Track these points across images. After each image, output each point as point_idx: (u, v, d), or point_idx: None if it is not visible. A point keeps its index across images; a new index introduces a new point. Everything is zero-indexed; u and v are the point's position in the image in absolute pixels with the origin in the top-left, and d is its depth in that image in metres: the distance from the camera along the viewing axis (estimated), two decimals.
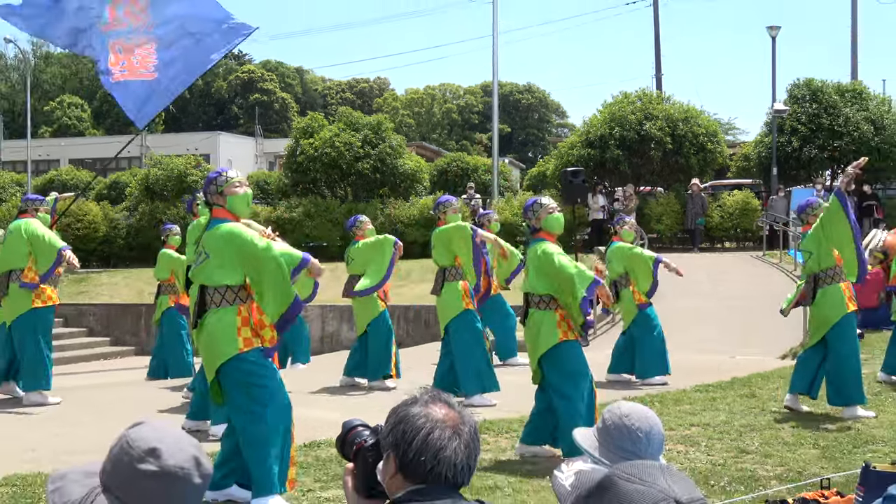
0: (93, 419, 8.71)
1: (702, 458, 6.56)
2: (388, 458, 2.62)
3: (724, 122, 43.71)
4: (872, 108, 27.36)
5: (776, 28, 31.22)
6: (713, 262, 21.12)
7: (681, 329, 12.57)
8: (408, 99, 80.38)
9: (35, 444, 7.51)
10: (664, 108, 28.00)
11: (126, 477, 2.12)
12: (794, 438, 7.14)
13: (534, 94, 79.70)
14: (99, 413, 9.10)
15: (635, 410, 3.24)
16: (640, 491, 1.51)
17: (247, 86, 75.04)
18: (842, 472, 6.01)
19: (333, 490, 5.82)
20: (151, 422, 2.20)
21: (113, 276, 22.03)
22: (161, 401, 9.91)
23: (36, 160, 47.41)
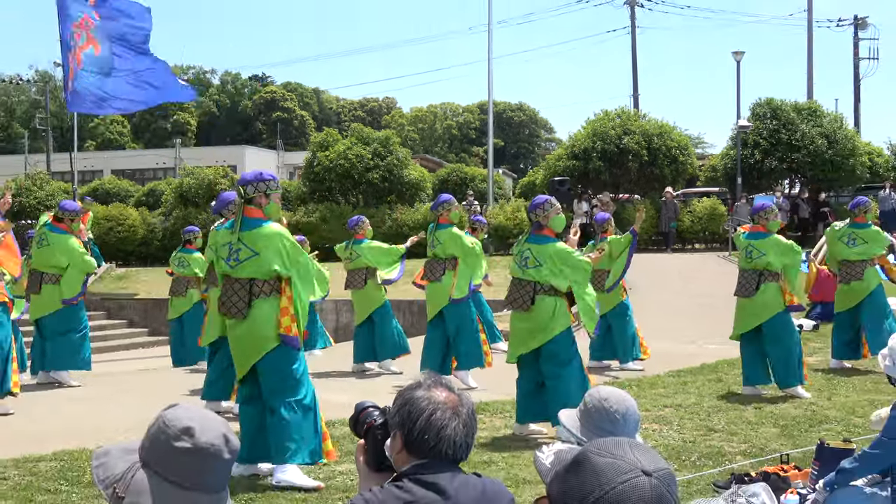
0: (132, 401, 8.71)
1: (674, 436, 6.56)
2: (395, 436, 2.62)
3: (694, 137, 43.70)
4: (826, 125, 27.38)
5: (740, 53, 31.27)
6: (684, 261, 21.13)
7: (656, 320, 12.56)
8: (413, 116, 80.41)
9: (81, 424, 7.52)
10: (641, 124, 28.06)
11: (163, 453, 2.12)
12: (756, 418, 7.15)
13: (525, 112, 79.70)
14: (138, 396, 9.10)
15: (613, 394, 3.24)
16: (611, 463, 1.51)
17: (269, 105, 75.07)
18: (799, 448, 6.01)
19: (346, 465, 5.82)
20: (185, 404, 2.20)
21: (150, 273, 22.01)
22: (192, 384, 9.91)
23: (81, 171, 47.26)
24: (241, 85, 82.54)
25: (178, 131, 69.00)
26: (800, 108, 28.13)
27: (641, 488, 1.46)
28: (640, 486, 1.46)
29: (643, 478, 1.47)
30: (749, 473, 5.06)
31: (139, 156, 56.88)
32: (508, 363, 7.17)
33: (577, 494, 1.52)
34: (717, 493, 4.84)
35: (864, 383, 8.60)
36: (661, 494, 1.47)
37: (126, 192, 30.15)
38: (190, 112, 74.44)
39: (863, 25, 38.87)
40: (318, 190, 26.43)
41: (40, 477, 5.56)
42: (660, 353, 10.63)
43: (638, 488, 1.46)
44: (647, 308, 13.32)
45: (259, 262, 5.62)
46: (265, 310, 5.59)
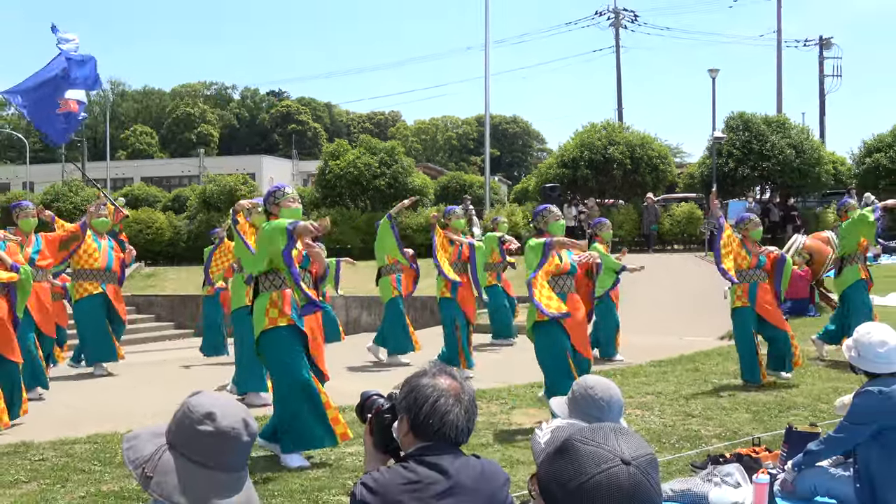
0: (160, 389, 8.72)
1: (655, 421, 6.56)
2: (402, 420, 2.62)
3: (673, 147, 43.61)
4: (794, 136, 27.37)
5: (715, 70, 31.32)
6: (664, 261, 21.09)
7: (638, 316, 12.56)
8: (416, 128, 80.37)
9: (112, 409, 7.52)
10: (625, 135, 28.03)
11: (188, 436, 2.12)
12: (730, 404, 7.14)
13: (518, 124, 79.65)
14: (165, 384, 9.11)
15: (599, 383, 3.24)
16: (592, 452, 1.48)
17: (285, 118, 75.04)
18: (769, 431, 6.01)
19: (354, 447, 5.82)
20: (208, 391, 2.21)
21: (176, 272, 22.03)
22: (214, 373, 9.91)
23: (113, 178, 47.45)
24: (259, 100, 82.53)
25: (202, 142, 68.98)
26: (770, 121, 28.12)
27: (618, 477, 1.44)
28: (616, 475, 1.44)
29: (621, 467, 1.45)
30: (724, 455, 5.06)
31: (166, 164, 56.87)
32: None
33: (559, 480, 1.50)
34: (695, 473, 4.84)
35: (829, 372, 8.59)
36: (638, 482, 1.44)
37: (154, 198, 30.10)
38: (212, 124, 74.45)
39: (827, 45, 38.94)
40: (329, 196, 26.43)
41: (75, 458, 5.56)
42: (642, 345, 10.64)
43: (614, 477, 1.44)
44: (631, 304, 13.29)
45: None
46: (257, 304, 5.69)
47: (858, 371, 4.39)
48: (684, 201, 26.92)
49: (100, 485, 4.93)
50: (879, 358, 4.25)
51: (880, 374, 4.26)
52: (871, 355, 4.26)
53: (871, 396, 4.21)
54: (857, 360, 4.30)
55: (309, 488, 4.87)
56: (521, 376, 8.36)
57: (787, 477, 4.53)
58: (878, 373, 4.27)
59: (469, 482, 2.49)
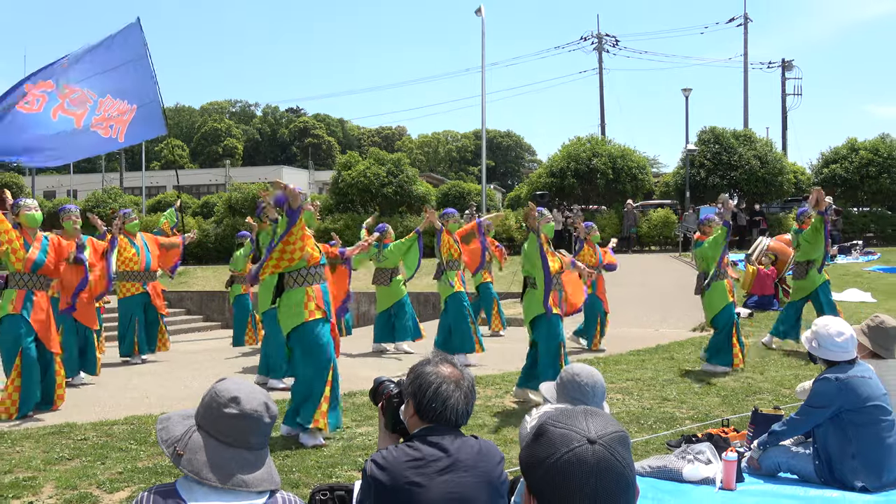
0: (190, 375, 8.72)
1: (634, 404, 6.55)
2: (408, 404, 2.62)
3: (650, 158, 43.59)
4: (759, 148, 27.38)
5: (688, 89, 31.37)
6: (642, 260, 21.09)
7: (619, 310, 12.53)
8: (420, 141, 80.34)
9: (147, 394, 7.52)
10: (607, 147, 28.03)
11: (215, 418, 2.12)
12: (702, 389, 7.13)
13: (511, 138, 79.62)
14: (194, 371, 9.11)
15: (584, 370, 3.23)
16: (562, 434, 1.49)
17: (302, 132, 75.03)
18: (737, 414, 6.01)
19: (366, 427, 5.81)
20: (233, 378, 2.21)
21: (205, 270, 22.02)
22: (238, 362, 9.91)
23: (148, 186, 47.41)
24: (279, 116, 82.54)
25: (228, 154, 68.96)
26: (737, 135, 28.13)
27: (584, 455, 1.44)
28: (582, 453, 1.45)
29: (587, 446, 1.45)
30: (696, 435, 5.05)
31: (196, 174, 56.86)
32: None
33: (534, 460, 1.50)
34: (670, 451, 4.83)
35: (791, 361, 8.58)
36: (603, 458, 1.45)
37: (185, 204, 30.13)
38: (237, 138, 74.48)
39: (789, 67, 38.95)
40: (342, 202, 26.45)
41: (114, 437, 5.56)
42: (623, 336, 10.63)
43: (581, 455, 1.44)
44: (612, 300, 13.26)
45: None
46: (289, 298, 5.68)
47: (817, 360, 4.39)
48: (660, 207, 26.91)
49: (136, 462, 4.93)
50: (837, 347, 4.25)
51: (837, 361, 4.26)
52: (829, 345, 4.26)
53: (829, 383, 4.21)
54: (816, 349, 4.30)
55: (324, 464, 4.86)
56: (515, 364, 8.35)
57: (754, 455, 4.52)
58: (835, 360, 4.26)
59: (468, 460, 2.49)
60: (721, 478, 4.26)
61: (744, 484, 4.30)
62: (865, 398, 4.16)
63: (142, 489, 3.45)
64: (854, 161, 27.19)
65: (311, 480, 4.47)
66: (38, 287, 6.64)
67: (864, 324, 4.72)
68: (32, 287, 6.59)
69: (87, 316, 8.41)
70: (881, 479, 4.14)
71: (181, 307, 19.45)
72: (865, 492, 4.09)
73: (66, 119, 7.71)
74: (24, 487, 4.43)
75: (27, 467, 4.83)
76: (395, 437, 2.73)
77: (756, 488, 4.25)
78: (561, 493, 1.45)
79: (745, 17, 37.66)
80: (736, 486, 4.22)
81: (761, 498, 4.08)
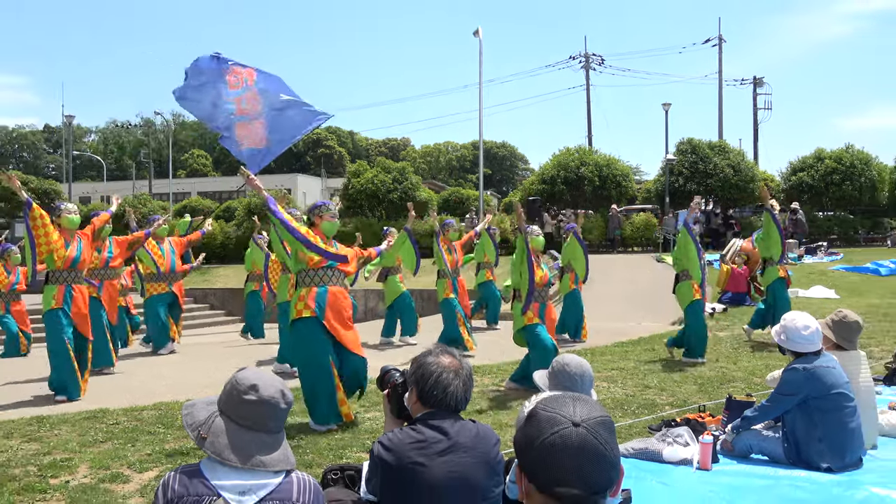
0: (213, 366, 8.72)
1: (619, 391, 6.55)
2: (411, 391, 2.62)
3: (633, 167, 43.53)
4: (732, 158, 27.39)
5: (668, 104, 31.43)
6: (626, 260, 21.08)
7: (605, 305, 12.56)
8: (423, 151, 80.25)
9: (174, 382, 7.51)
10: (594, 157, 28.03)
11: (236, 404, 2.12)
12: (680, 378, 7.13)
13: (506, 148, 79.59)
14: (217, 361, 9.11)
15: (573, 360, 3.23)
16: (550, 417, 1.50)
17: (316, 143, 75.01)
18: (713, 400, 6.00)
19: (373, 412, 5.81)
20: (252, 367, 2.21)
21: (226, 269, 22.04)
22: (257, 352, 9.91)
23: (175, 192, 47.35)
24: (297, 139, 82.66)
25: None
26: (712, 146, 28.12)
27: (568, 437, 1.45)
28: (566, 435, 1.46)
29: (571, 428, 1.46)
30: (675, 419, 5.05)
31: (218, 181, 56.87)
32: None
33: (525, 441, 1.51)
34: (651, 434, 4.83)
35: (762, 352, 8.58)
36: (585, 439, 1.46)
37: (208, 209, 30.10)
38: None
39: (760, 84, 38.97)
40: (352, 207, 26.47)
41: (144, 422, 5.56)
42: (608, 329, 10.62)
43: (565, 437, 1.45)
44: (599, 296, 13.30)
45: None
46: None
47: (786, 351, 4.39)
48: (642, 211, 26.89)
49: (163, 444, 4.93)
50: (804, 339, 4.25)
51: (805, 352, 4.26)
52: (797, 338, 4.25)
53: (797, 372, 4.21)
54: (785, 342, 4.30)
55: (335, 446, 4.86)
56: (509, 355, 8.36)
57: (728, 437, 4.52)
58: (802, 352, 4.26)
59: (467, 442, 2.49)
60: (698, 459, 4.25)
61: (718, 464, 4.30)
62: (830, 386, 4.16)
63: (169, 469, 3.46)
64: (820, 169, 27.18)
65: (324, 461, 4.46)
66: (75, 282, 6.72)
67: (828, 318, 4.71)
68: (71, 282, 6.69)
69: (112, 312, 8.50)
70: (844, 460, 4.15)
71: (205, 303, 19.47)
72: (830, 472, 4.09)
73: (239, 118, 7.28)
74: (62, 467, 4.43)
75: (64, 449, 4.83)
76: (399, 421, 2.73)
77: (730, 468, 4.25)
78: (548, 471, 1.46)
79: (720, 38, 37.71)
80: (711, 466, 4.22)
81: (734, 477, 4.07)
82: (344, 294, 5.60)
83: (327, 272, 5.53)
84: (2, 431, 5.28)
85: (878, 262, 18.11)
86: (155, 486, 3.90)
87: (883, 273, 17.28)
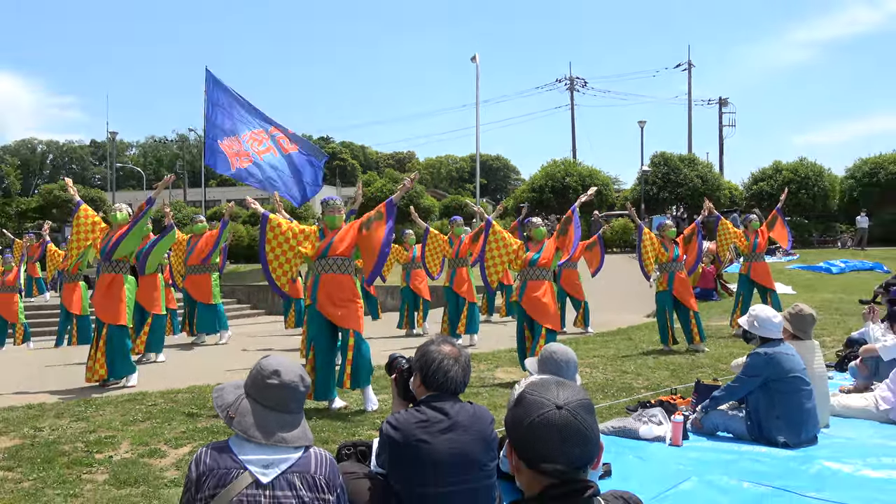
0: (239, 353, 8.71)
1: (600, 376, 6.53)
2: (415, 375, 2.61)
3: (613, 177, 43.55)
4: (700, 169, 27.46)
5: (643, 121, 31.41)
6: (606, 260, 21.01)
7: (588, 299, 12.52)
8: (426, 163, 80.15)
9: (205, 368, 7.50)
10: (577, 168, 28.09)
11: (260, 387, 2.12)
12: (655, 364, 7.12)
13: (500, 161, 79.50)
14: (244, 348, 9.09)
15: (560, 348, 3.23)
16: (535, 400, 1.50)
17: (331, 156, 74.94)
18: (684, 384, 5.99)
19: (382, 395, 5.79)
20: (275, 355, 2.21)
21: (251, 267, 22.07)
22: (280, 341, 9.90)
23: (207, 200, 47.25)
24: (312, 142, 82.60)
25: None
26: (683, 159, 28.17)
27: (551, 418, 1.46)
28: (550, 417, 1.46)
29: (554, 411, 1.46)
30: (650, 401, 5.04)
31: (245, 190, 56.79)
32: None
33: (514, 422, 1.52)
34: (629, 414, 4.82)
35: (727, 341, 8.57)
36: (567, 420, 1.46)
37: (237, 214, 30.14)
38: None
39: (725, 104, 39.03)
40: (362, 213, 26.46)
41: (179, 403, 5.55)
42: (591, 321, 10.59)
43: (548, 419, 1.46)
44: None
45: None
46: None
47: (751, 339, 4.38)
48: (621, 216, 26.92)
49: (196, 423, 4.92)
50: (773, 326, 4.28)
51: (771, 338, 4.27)
52: (768, 325, 4.27)
53: (760, 357, 4.21)
54: (756, 329, 4.31)
55: (348, 425, 4.85)
56: (503, 344, 8.36)
57: (697, 417, 4.51)
58: (770, 337, 4.27)
59: (465, 421, 2.49)
60: (670, 436, 4.25)
61: (688, 441, 4.29)
62: (788, 370, 4.16)
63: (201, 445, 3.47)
64: (778, 179, 27.22)
65: (338, 438, 4.46)
66: (104, 271, 6.62)
67: (786, 311, 4.71)
68: (103, 271, 6.62)
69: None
70: (800, 436, 4.14)
71: (233, 297, 19.46)
72: (787, 447, 4.09)
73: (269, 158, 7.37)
74: (106, 444, 4.43)
75: (108, 428, 4.82)
76: (405, 403, 2.73)
77: (698, 444, 4.25)
78: (534, 448, 1.46)
79: (689, 64, 37.73)
80: (682, 442, 4.22)
81: (703, 452, 4.07)
82: (337, 279, 5.38)
83: (320, 262, 5.46)
84: (53, 412, 5.28)
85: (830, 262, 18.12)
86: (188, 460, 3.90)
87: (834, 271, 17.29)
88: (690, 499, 3.33)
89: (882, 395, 4.85)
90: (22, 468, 3.94)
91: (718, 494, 3.37)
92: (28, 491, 3.59)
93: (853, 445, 4.15)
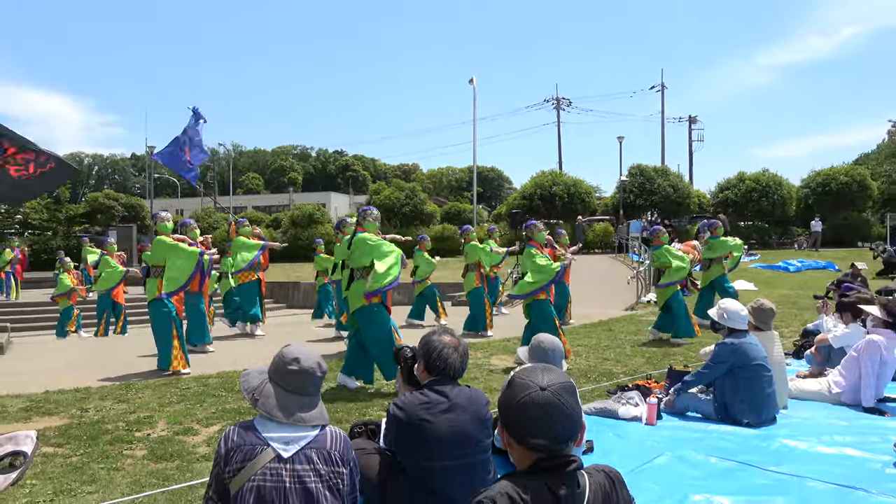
0: (264, 342, 8.70)
1: (583, 363, 6.52)
2: (419, 363, 2.61)
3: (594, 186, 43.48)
4: (672, 179, 27.44)
5: (621, 137, 31.39)
6: (589, 260, 21.02)
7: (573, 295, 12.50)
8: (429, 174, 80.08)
9: (234, 355, 7.50)
10: (563, 179, 28.06)
11: (282, 373, 2.12)
12: (632, 352, 7.11)
13: (495, 171, 79.40)
14: (268, 338, 9.08)
15: (547, 338, 3.23)
16: (522, 383, 1.50)
17: (345, 168, 74.99)
18: (658, 370, 5.98)
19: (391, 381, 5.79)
20: (295, 344, 2.21)
21: (274, 267, 21.97)
22: (298, 333, 9.88)
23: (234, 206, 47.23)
24: (328, 156, 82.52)
25: (291, 183, 68.93)
26: (657, 170, 28.15)
27: (535, 399, 1.46)
28: (535, 397, 1.46)
29: (538, 392, 1.47)
30: (628, 385, 5.04)
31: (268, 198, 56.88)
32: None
33: (504, 402, 1.53)
34: (609, 397, 4.82)
35: None
36: (550, 401, 1.46)
37: (260, 220, 30.13)
38: (298, 172, 74.54)
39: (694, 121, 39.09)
40: None
41: (210, 387, 5.55)
42: (575, 314, 10.55)
43: (533, 399, 1.46)
44: None
45: (353, 257, 5.36)
46: (357, 286, 5.34)
47: (720, 329, 4.38)
48: (601, 221, 26.91)
49: (225, 404, 4.92)
50: (740, 319, 4.28)
51: (739, 329, 4.27)
52: (736, 316, 4.27)
53: (726, 346, 4.21)
54: (725, 320, 4.30)
55: (360, 406, 4.85)
56: (497, 334, 8.35)
57: (670, 398, 4.51)
58: (738, 328, 4.27)
59: (463, 403, 2.49)
60: (646, 416, 4.25)
61: (662, 421, 4.29)
62: (752, 358, 4.16)
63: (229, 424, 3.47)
64: (742, 188, 27.21)
65: (351, 418, 4.45)
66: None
67: (749, 305, 4.70)
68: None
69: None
70: (761, 417, 4.14)
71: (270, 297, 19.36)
72: (750, 426, 4.08)
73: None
74: (144, 423, 4.43)
75: (146, 409, 4.83)
76: (410, 387, 2.72)
77: (671, 424, 4.24)
78: (521, 426, 1.47)
79: (663, 85, 37.80)
80: (656, 422, 4.21)
81: (674, 431, 4.07)
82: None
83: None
84: (98, 395, 5.28)
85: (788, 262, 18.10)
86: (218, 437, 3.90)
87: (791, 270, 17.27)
88: (664, 472, 3.33)
89: (834, 379, 4.84)
90: (70, 445, 3.94)
91: (689, 468, 3.36)
92: (76, 465, 3.59)
93: (809, 425, 4.14)
